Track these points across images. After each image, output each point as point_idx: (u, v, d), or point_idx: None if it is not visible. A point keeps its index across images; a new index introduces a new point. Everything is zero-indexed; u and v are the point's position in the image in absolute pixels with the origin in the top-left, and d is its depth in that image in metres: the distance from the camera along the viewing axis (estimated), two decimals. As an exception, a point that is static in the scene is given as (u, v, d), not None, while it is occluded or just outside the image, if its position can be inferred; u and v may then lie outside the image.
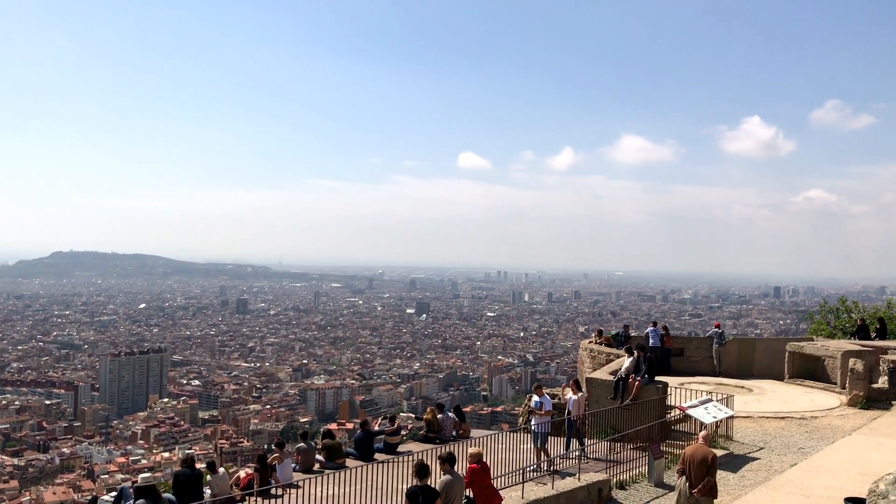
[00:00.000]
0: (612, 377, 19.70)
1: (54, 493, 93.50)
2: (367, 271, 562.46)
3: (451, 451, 11.39)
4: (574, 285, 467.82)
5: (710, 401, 17.95)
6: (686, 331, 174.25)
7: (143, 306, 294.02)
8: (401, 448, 19.21)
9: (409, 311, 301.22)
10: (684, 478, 12.10)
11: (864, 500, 8.87)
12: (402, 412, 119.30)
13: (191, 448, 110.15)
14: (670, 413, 18.95)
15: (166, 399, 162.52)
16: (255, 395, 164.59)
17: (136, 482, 11.97)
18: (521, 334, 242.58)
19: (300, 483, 13.94)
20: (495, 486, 12.04)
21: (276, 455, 16.32)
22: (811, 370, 26.05)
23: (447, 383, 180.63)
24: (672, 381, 21.63)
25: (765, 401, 22.90)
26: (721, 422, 17.46)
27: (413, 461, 11.21)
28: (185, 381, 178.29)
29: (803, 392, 24.51)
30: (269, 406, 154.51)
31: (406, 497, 10.42)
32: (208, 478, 14.63)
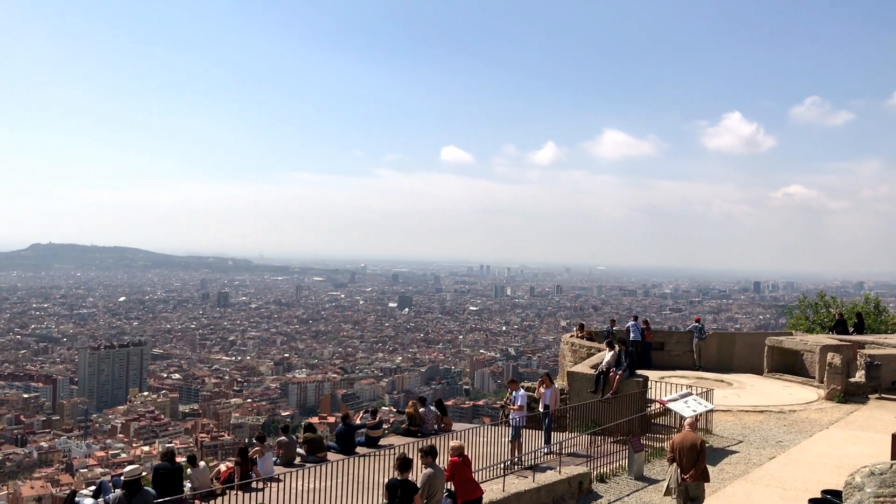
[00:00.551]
0: (593, 371, 19.82)
1: (32, 488, 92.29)
2: (350, 265, 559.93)
3: (433, 444, 11.40)
4: (556, 280, 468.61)
5: (690, 394, 18.08)
6: (667, 325, 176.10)
7: (122, 299, 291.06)
8: (382, 442, 19.25)
9: (391, 304, 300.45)
10: (675, 465, 12.20)
11: (841, 492, 8.97)
12: (384, 406, 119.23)
13: (171, 442, 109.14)
14: (651, 407, 19.12)
15: (146, 392, 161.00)
16: (236, 388, 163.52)
17: (121, 474, 11.82)
18: (504, 328, 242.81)
19: (281, 476, 13.88)
20: (476, 479, 12.06)
21: (257, 448, 16.29)
22: (790, 364, 26.28)
23: (429, 377, 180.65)
24: (652, 374, 21.81)
25: (744, 395, 23.11)
26: (701, 415, 17.59)
27: (395, 455, 11.21)
28: (165, 375, 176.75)
29: (782, 386, 24.75)
30: (250, 400, 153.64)
31: (385, 490, 10.43)
32: (189, 471, 14.57)
